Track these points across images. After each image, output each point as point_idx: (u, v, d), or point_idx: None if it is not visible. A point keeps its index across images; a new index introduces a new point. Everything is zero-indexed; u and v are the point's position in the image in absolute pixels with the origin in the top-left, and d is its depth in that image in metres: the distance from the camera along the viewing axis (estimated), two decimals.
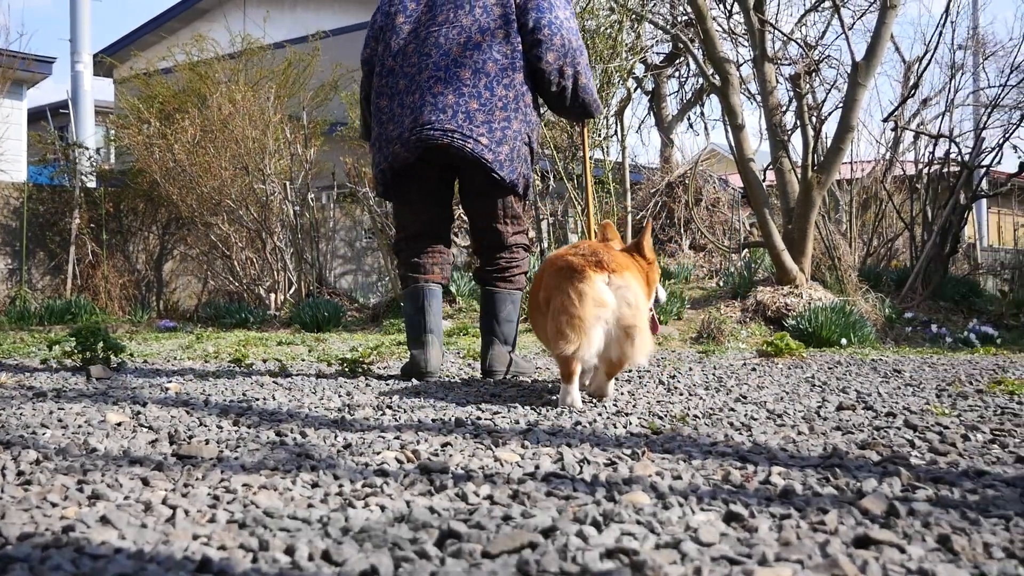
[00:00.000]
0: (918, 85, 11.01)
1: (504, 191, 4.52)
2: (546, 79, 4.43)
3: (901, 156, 13.90)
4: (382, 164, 4.55)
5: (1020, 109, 12.79)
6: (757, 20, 9.45)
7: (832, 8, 10.74)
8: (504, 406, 3.63)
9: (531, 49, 4.40)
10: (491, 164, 4.37)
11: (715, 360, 5.96)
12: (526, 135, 4.50)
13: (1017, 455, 2.57)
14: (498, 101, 4.35)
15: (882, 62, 9.24)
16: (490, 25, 4.36)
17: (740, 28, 11.78)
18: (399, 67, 4.47)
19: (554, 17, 4.37)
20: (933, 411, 3.46)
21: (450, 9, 4.40)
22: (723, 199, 14.93)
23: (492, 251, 4.62)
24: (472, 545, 1.68)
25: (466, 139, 4.32)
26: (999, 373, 5.02)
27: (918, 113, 13.92)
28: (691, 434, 2.94)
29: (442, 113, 4.31)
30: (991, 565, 1.60)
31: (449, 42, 4.36)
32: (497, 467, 2.41)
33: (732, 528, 1.84)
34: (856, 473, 2.34)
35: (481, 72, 4.33)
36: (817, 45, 12.18)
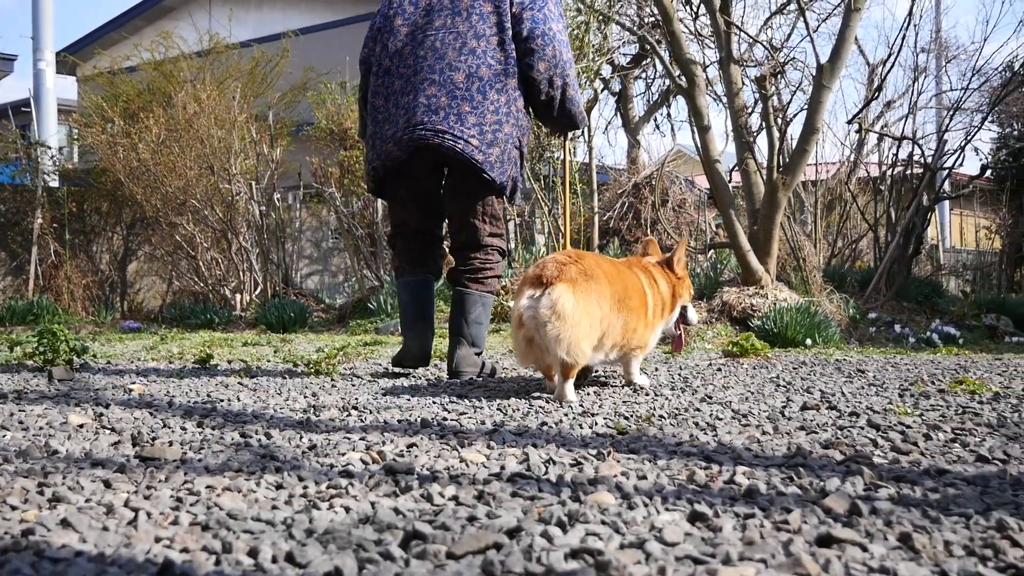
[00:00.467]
0: (882, 88, 11.10)
1: (491, 191, 4.61)
2: (536, 88, 4.56)
3: (865, 158, 14.02)
4: (375, 162, 4.66)
5: (981, 112, 12.93)
6: (723, 22, 9.50)
7: (797, 11, 10.81)
8: (470, 407, 3.63)
9: (524, 57, 4.52)
10: (481, 165, 4.47)
11: (681, 360, 5.99)
12: (517, 139, 4.60)
13: (978, 454, 2.60)
14: (490, 105, 4.46)
15: (847, 65, 9.32)
16: (485, 32, 4.47)
17: (706, 30, 11.83)
18: (395, 68, 4.58)
19: (548, 28, 4.49)
20: (896, 411, 3.49)
21: (447, 15, 4.51)
22: (689, 200, 14.99)
23: (467, 250, 4.69)
24: (437, 546, 1.67)
25: (457, 140, 4.43)
26: (961, 373, 5.07)
27: (882, 115, 14.04)
28: (656, 434, 2.94)
29: (435, 114, 4.43)
30: (951, 563, 1.61)
31: (445, 46, 4.47)
32: (463, 468, 2.41)
33: (697, 528, 1.84)
34: (820, 472, 2.35)
35: (475, 76, 4.44)
36: (783, 47, 12.26)
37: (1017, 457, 2.58)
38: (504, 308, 9.17)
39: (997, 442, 2.82)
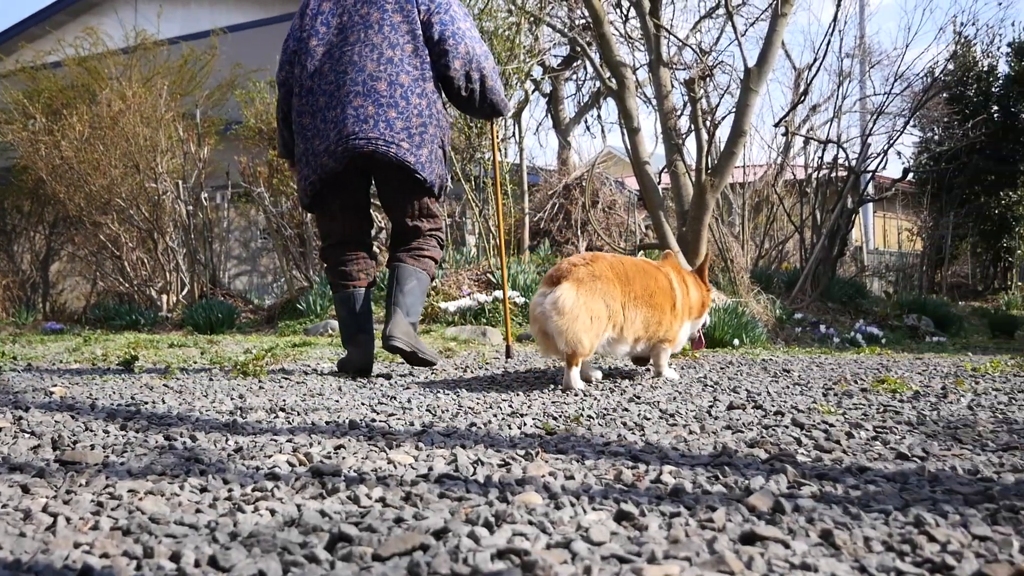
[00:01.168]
0: (808, 92, 11.27)
1: (423, 191, 4.85)
2: (455, 85, 4.81)
3: (792, 161, 14.24)
4: (311, 177, 4.81)
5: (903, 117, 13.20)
6: (653, 25, 9.58)
7: (726, 15, 10.94)
8: (399, 408, 3.61)
9: (439, 59, 4.77)
10: (413, 166, 4.69)
11: (610, 361, 6.02)
12: (440, 139, 4.85)
13: (898, 451, 2.64)
14: (414, 109, 4.69)
15: (774, 68, 9.45)
16: (399, 41, 4.71)
17: (636, 32, 11.93)
18: (317, 86, 4.76)
19: (456, 28, 4.76)
20: (820, 410, 3.54)
21: (360, 29, 4.72)
22: (619, 201, 15.10)
23: (408, 238, 4.94)
24: (363, 548, 1.66)
25: (389, 145, 4.64)
26: (883, 372, 5.17)
27: (808, 119, 14.27)
28: (585, 434, 2.96)
29: (364, 124, 4.62)
30: (871, 558, 1.64)
31: (363, 59, 4.68)
32: (390, 469, 2.40)
33: (623, 527, 1.85)
34: (745, 471, 2.38)
35: (396, 84, 4.67)
36: (711, 51, 12.41)
37: (935, 454, 2.63)
38: (435, 309, 9.16)
39: (916, 440, 2.88)
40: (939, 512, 1.95)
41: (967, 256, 19.19)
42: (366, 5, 4.77)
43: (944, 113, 16.60)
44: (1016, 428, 3.11)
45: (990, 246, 18.40)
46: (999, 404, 3.73)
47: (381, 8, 4.75)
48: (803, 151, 14.49)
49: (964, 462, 2.51)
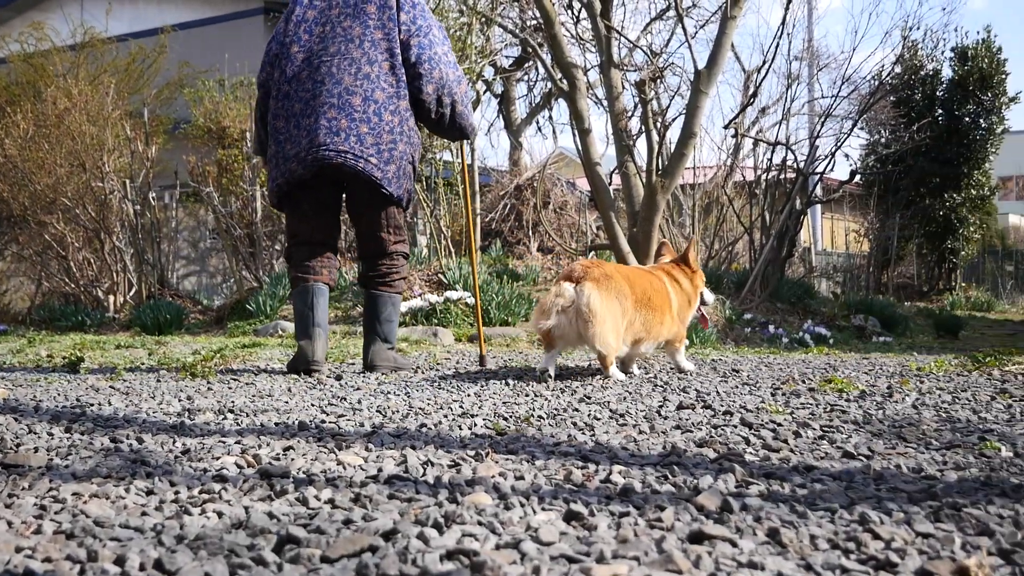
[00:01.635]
0: (757, 94, 11.37)
1: (390, 204, 5.02)
2: (426, 108, 4.97)
3: (741, 162, 14.35)
4: (279, 179, 4.96)
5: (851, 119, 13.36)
6: (604, 27, 9.61)
7: (676, 17, 11.00)
8: (349, 409, 3.60)
9: (413, 81, 4.92)
10: (380, 181, 4.86)
11: (561, 361, 6.03)
12: (410, 155, 5.02)
13: (844, 450, 2.67)
14: (385, 126, 4.84)
15: (723, 71, 9.53)
16: (377, 58, 4.86)
17: (588, 34, 11.97)
18: (294, 92, 4.90)
19: (433, 53, 4.92)
20: (768, 409, 3.57)
21: (341, 42, 4.86)
22: (571, 202, 15.14)
23: (375, 258, 5.09)
24: (311, 550, 1.65)
25: (358, 159, 4.79)
26: (830, 372, 5.22)
27: (757, 121, 14.41)
28: (535, 435, 2.96)
29: (336, 136, 4.77)
30: (816, 556, 1.66)
31: (341, 72, 4.82)
32: (340, 470, 2.39)
33: (572, 527, 1.86)
34: (693, 470, 2.39)
35: (370, 100, 4.82)
36: (662, 53, 12.47)
37: (881, 453, 2.66)
38: None
39: (862, 438, 2.91)
40: (884, 510, 1.98)
41: (913, 257, 19.46)
42: (349, 19, 4.89)
43: (890, 116, 16.82)
44: (959, 427, 3.15)
45: (935, 247, 18.67)
46: (943, 403, 3.78)
47: (364, 23, 4.88)
48: (752, 153, 14.62)
49: (909, 460, 2.54)
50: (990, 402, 3.82)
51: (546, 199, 14.69)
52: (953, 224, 18.19)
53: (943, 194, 18.03)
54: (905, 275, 19.57)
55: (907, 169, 17.55)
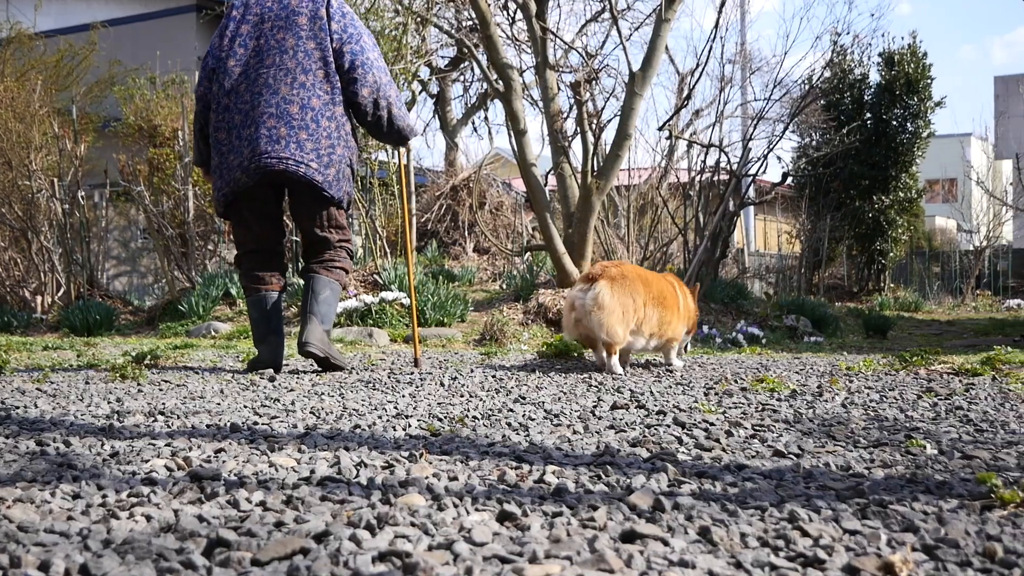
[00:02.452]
0: (691, 96, 11.47)
1: (331, 206, 5.19)
2: (363, 111, 5.14)
3: (675, 164, 14.45)
4: (224, 189, 5.10)
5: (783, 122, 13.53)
6: (539, 28, 9.64)
7: (611, 20, 11.06)
8: (283, 410, 3.57)
9: (348, 86, 5.08)
10: (321, 185, 5.03)
11: (497, 362, 6.04)
12: (348, 159, 5.19)
13: (775, 449, 2.71)
14: (323, 131, 5.02)
15: (658, 73, 9.60)
16: (311, 67, 5.02)
17: (523, 35, 11.98)
18: (233, 104, 5.04)
19: (366, 58, 5.09)
20: (701, 409, 3.61)
21: (276, 54, 5.02)
22: (507, 203, 15.15)
23: (319, 250, 5.25)
24: (241, 553, 1.64)
25: (299, 165, 4.96)
26: (762, 372, 5.29)
27: (691, 123, 14.51)
28: (470, 435, 2.96)
29: (276, 143, 4.93)
30: (746, 554, 1.68)
31: (277, 82, 4.98)
32: (272, 472, 2.36)
33: (505, 527, 1.86)
34: (627, 470, 2.41)
35: (307, 107, 4.99)
36: (597, 54, 12.53)
37: (811, 451, 2.70)
38: None
39: (793, 437, 2.95)
40: (813, 508, 2.01)
41: (843, 258, 19.76)
42: (282, 31, 5.04)
43: (821, 119, 17.05)
44: (887, 425, 3.21)
45: (864, 249, 18.97)
46: (871, 402, 3.85)
47: (296, 35, 5.04)
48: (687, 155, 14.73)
49: (837, 458, 2.58)
50: (916, 401, 3.90)
51: (482, 200, 14.69)
52: (882, 226, 18.49)
53: (872, 196, 18.32)
54: (836, 276, 19.86)
55: (837, 172, 17.82)
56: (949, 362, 5.54)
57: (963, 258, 22.28)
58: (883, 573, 1.58)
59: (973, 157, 26.95)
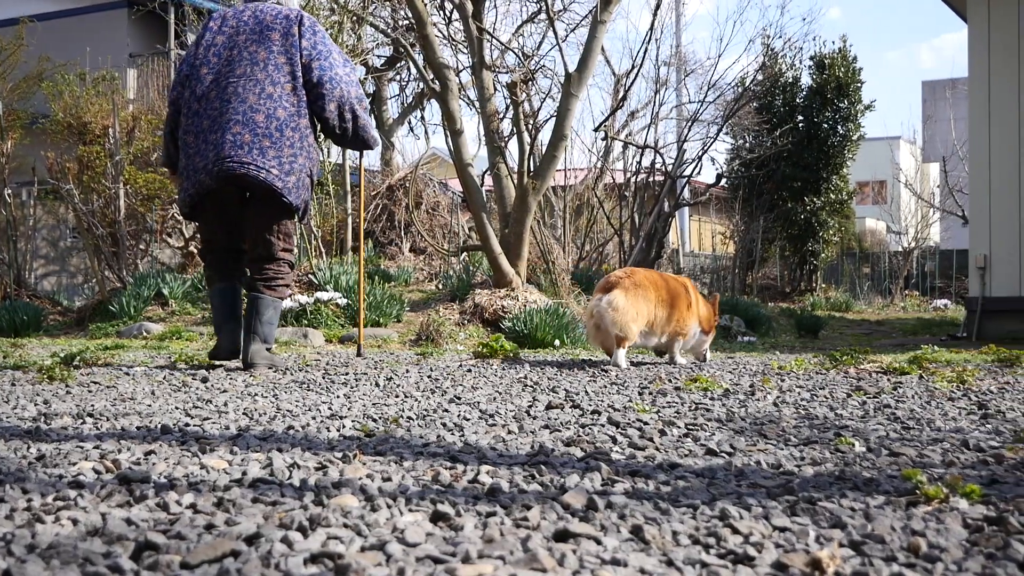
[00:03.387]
0: (626, 98, 11.55)
1: (287, 213, 5.43)
2: (330, 124, 5.41)
3: (611, 165, 14.53)
4: (190, 190, 5.34)
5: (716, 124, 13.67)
6: (476, 28, 9.64)
7: (547, 21, 11.10)
8: (215, 411, 3.53)
9: (316, 101, 5.36)
10: (281, 191, 5.25)
11: (432, 362, 6.03)
12: (309, 169, 5.44)
13: (707, 447, 2.74)
14: (286, 141, 5.26)
15: (594, 74, 9.65)
16: (280, 80, 5.29)
17: (460, 35, 11.97)
18: (203, 110, 5.30)
19: (334, 74, 5.37)
20: (635, 408, 3.64)
21: (247, 65, 5.28)
22: (443, 203, 15.13)
23: (262, 262, 5.44)
24: (170, 556, 1.61)
25: (259, 170, 5.18)
26: (695, 371, 5.35)
27: (627, 124, 14.61)
28: (404, 436, 2.95)
29: (240, 149, 5.17)
30: (678, 552, 1.69)
31: (246, 92, 5.24)
32: (203, 474, 2.34)
33: (439, 527, 1.86)
34: (561, 469, 2.42)
35: (272, 117, 5.23)
36: (533, 55, 12.56)
37: (742, 450, 2.74)
38: None
39: (725, 436, 2.99)
40: (743, 505, 2.03)
41: (776, 259, 19.99)
42: (255, 44, 5.32)
43: (754, 122, 17.25)
44: (817, 423, 3.26)
45: (797, 250, 19.20)
46: (802, 401, 3.91)
47: (268, 48, 5.31)
48: (622, 156, 14.83)
49: (768, 456, 2.61)
50: (846, 399, 3.96)
51: (418, 200, 14.65)
52: (814, 227, 18.73)
53: (804, 198, 18.55)
54: (769, 276, 20.09)
55: (770, 173, 18.02)
56: (878, 361, 5.64)
57: (892, 259, 22.65)
58: (811, 569, 1.61)
59: (902, 160, 27.42)
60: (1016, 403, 3.81)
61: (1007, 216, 10.81)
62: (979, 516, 1.94)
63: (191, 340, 8.25)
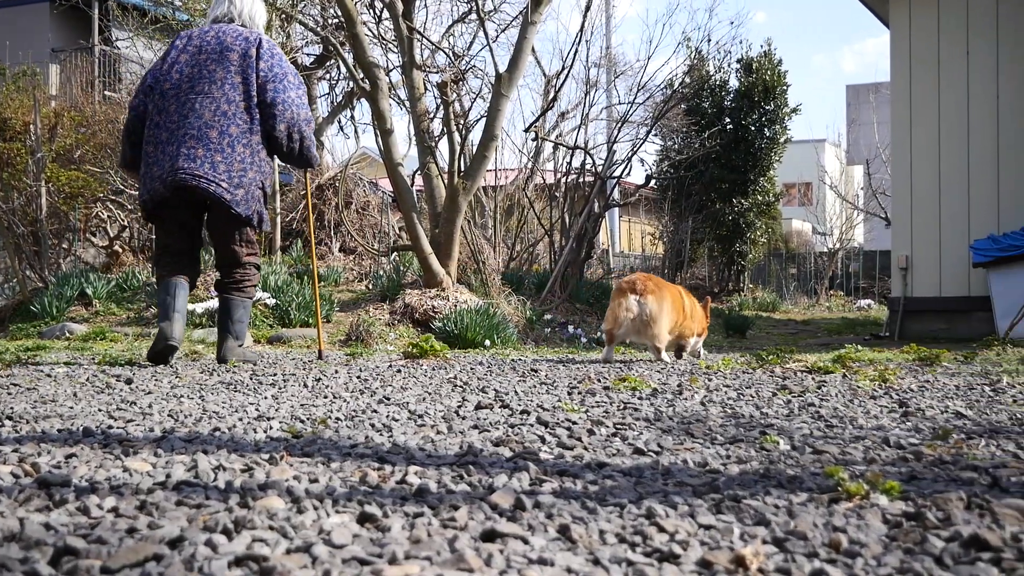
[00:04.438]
0: (557, 99, 11.59)
1: (241, 223, 5.82)
2: (279, 143, 5.81)
3: (542, 165, 14.57)
4: (145, 196, 5.75)
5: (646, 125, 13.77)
6: (406, 28, 9.61)
7: (478, 21, 11.10)
8: (140, 413, 3.47)
9: (268, 120, 5.76)
10: (229, 203, 5.64)
11: (362, 363, 6.00)
12: (260, 182, 5.83)
13: (635, 447, 2.76)
14: (237, 156, 5.67)
15: (524, 75, 9.67)
16: (235, 99, 5.69)
17: (390, 34, 11.93)
18: (163, 122, 5.70)
19: (287, 97, 5.78)
20: (564, 408, 3.65)
21: (206, 83, 5.69)
22: (373, 203, 15.05)
23: (229, 267, 5.91)
24: (91, 561, 1.58)
25: (210, 183, 5.57)
26: (625, 371, 5.38)
27: (557, 125, 14.67)
28: (332, 437, 2.93)
29: (192, 162, 5.56)
30: (604, 551, 1.70)
31: (203, 108, 5.64)
32: (126, 477, 2.30)
33: (366, 529, 1.85)
34: (489, 469, 2.42)
35: (225, 134, 5.64)
36: (464, 55, 12.55)
37: (669, 448, 2.76)
38: None
39: (652, 435, 3.01)
40: (670, 504, 2.05)
41: (704, 259, 20.23)
42: (215, 63, 5.72)
43: (683, 123, 17.43)
44: (743, 422, 3.30)
45: (725, 250, 19.45)
46: (728, 400, 3.95)
47: (227, 68, 5.72)
48: (553, 156, 14.89)
49: (695, 455, 2.64)
50: (772, 398, 4.02)
51: (348, 199, 14.56)
52: (741, 228, 18.98)
53: (732, 199, 18.79)
54: (698, 276, 20.31)
55: (698, 175, 18.22)
56: (803, 360, 5.73)
57: (818, 260, 23.04)
58: (735, 566, 1.63)
59: (827, 162, 27.89)
60: (935, 401, 3.89)
61: (928, 218, 11.06)
62: (898, 512, 1.98)
63: (116, 341, 8.12)
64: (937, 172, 11.02)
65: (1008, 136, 10.81)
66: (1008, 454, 2.65)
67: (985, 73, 10.89)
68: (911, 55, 11.21)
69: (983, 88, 10.90)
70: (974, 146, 10.91)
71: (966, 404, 3.78)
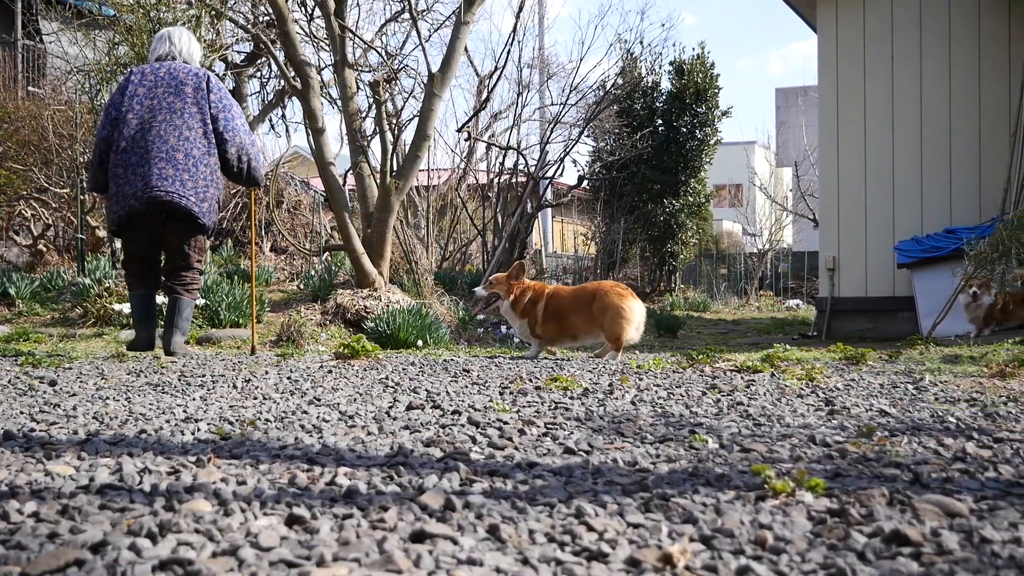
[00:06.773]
0: (489, 99, 11.60)
1: (201, 231, 6.62)
2: (230, 164, 6.63)
3: (475, 165, 14.57)
4: (120, 212, 6.40)
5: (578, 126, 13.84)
6: (338, 26, 9.55)
7: (410, 20, 11.06)
8: (63, 416, 3.41)
9: (220, 144, 6.58)
10: (198, 215, 6.44)
11: (293, 363, 5.95)
12: (217, 197, 6.66)
13: (566, 446, 2.77)
14: (200, 174, 6.45)
15: (457, 75, 9.67)
16: (194, 126, 6.47)
17: (322, 33, 11.84)
18: (131, 148, 6.38)
19: (235, 125, 6.63)
20: (495, 408, 3.65)
21: (166, 112, 6.42)
22: (305, 202, 14.94)
23: (180, 270, 6.63)
24: (9, 568, 1.55)
25: (181, 198, 6.34)
26: (556, 371, 5.40)
27: (490, 125, 14.68)
28: (261, 438, 2.90)
29: (165, 181, 6.31)
30: (533, 550, 1.71)
31: (167, 134, 6.38)
32: (48, 481, 2.25)
33: (294, 531, 1.83)
34: (419, 470, 2.41)
35: (189, 155, 6.41)
36: (397, 54, 12.51)
37: (600, 448, 2.77)
38: (108, 311, 8.72)
39: (583, 435, 3.02)
40: (599, 503, 2.06)
41: (636, 260, 20.35)
42: (172, 95, 6.47)
43: (615, 125, 17.52)
44: (672, 421, 3.33)
45: (656, 251, 19.58)
46: (659, 399, 3.98)
47: (183, 100, 6.47)
48: (486, 157, 14.90)
49: (625, 454, 2.66)
50: (701, 397, 4.06)
51: (279, 198, 14.43)
52: (673, 229, 19.11)
53: (663, 200, 18.92)
54: (630, 277, 20.43)
55: (631, 176, 18.33)
56: (733, 360, 5.80)
57: (748, 260, 23.31)
58: (663, 564, 1.64)
59: (757, 164, 28.28)
60: (860, 399, 3.96)
61: (855, 219, 11.25)
62: (823, 509, 2.01)
63: (40, 342, 7.96)
64: (863, 174, 11.21)
65: (931, 139, 11.03)
66: (929, 451, 2.70)
67: (910, 76, 11.10)
68: (838, 58, 11.39)
69: (907, 91, 11.12)
70: (899, 148, 11.12)
71: (890, 402, 3.85)
